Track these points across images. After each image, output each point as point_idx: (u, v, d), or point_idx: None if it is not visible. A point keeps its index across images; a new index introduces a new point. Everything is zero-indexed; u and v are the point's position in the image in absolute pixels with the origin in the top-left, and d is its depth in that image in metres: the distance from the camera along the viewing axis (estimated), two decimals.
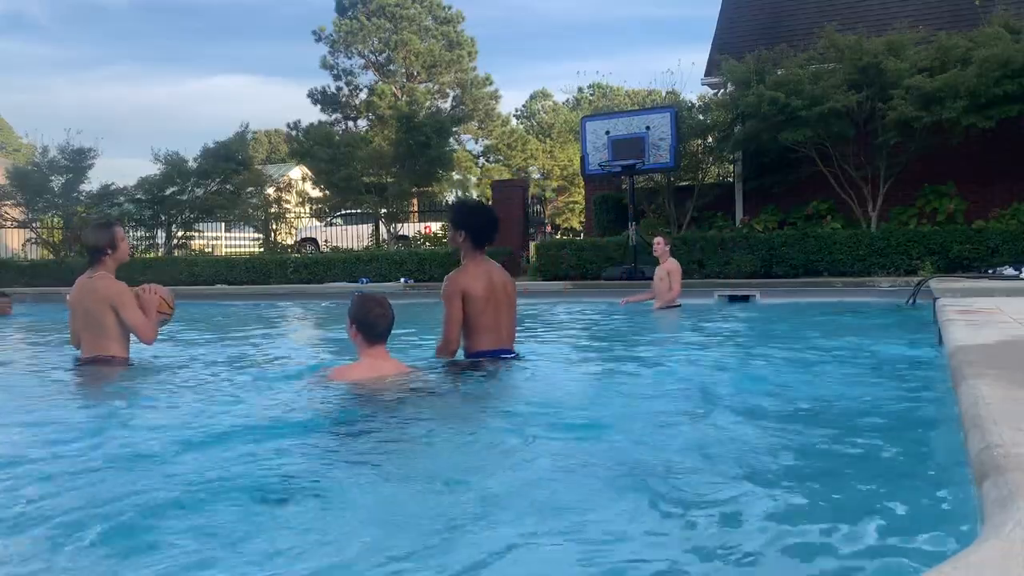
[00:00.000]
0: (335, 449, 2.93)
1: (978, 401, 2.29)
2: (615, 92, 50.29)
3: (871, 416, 3.27)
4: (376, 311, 3.85)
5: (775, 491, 2.28)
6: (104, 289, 4.66)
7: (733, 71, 13.26)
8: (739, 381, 4.42)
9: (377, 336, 3.87)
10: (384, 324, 3.87)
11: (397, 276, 15.15)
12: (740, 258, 12.51)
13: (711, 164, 16.08)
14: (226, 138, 19.79)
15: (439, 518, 2.12)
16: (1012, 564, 1.21)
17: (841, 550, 1.87)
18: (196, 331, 8.07)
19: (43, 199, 19.67)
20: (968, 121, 11.48)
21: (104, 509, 2.19)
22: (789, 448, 2.79)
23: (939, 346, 4.61)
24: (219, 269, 16.98)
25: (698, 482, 2.40)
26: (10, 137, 56.22)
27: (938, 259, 11.46)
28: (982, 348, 3.50)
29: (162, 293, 4.84)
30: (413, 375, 3.97)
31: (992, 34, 11.64)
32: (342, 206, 20.16)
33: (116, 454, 2.83)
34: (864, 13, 15.11)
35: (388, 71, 38.75)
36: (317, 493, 2.34)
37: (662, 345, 6.60)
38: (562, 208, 40.97)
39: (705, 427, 3.13)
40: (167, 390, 4.27)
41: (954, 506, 2.05)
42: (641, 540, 1.99)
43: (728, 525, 2.05)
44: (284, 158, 37.52)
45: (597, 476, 2.50)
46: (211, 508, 2.20)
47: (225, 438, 2.99)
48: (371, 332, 3.85)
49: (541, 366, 4.76)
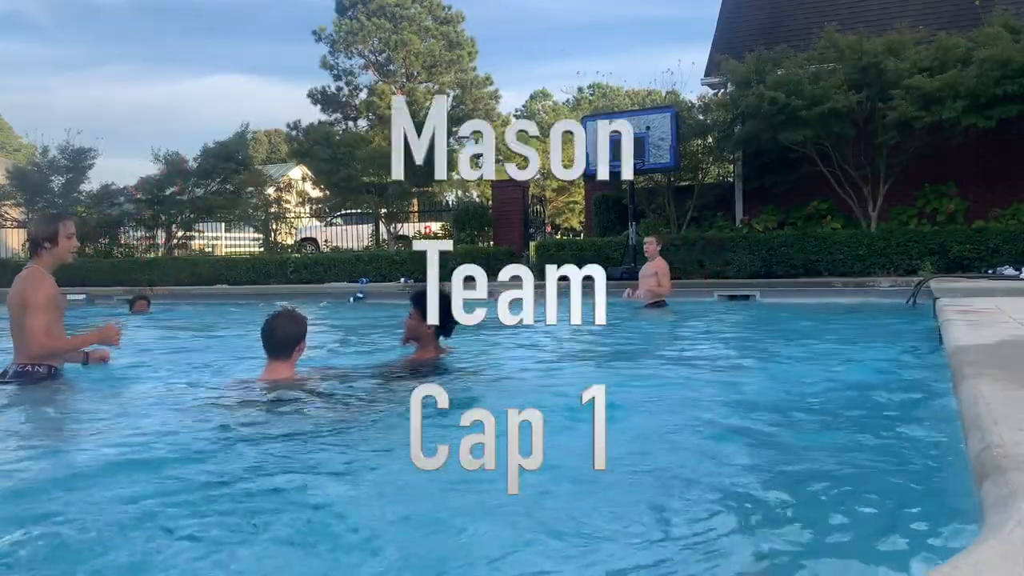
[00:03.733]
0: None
1: (978, 401, 2.29)
2: (615, 92, 50.29)
3: (871, 416, 3.27)
4: (270, 323, 3.92)
5: (775, 491, 2.28)
6: (19, 287, 4.11)
7: (733, 71, 13.25)
8: (737, 381, 4.42)
9: (268, 350, 3.92)
10: (277, 337, 3.89)
11: (397, 276, 15.14)
12: (740, 258, 12.51)
13: (711, 164, 16.08)
14: (226, 138, 19.80)
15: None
16: (1012, 564, 1.21)
17: (841, 550, 1.87)
18: (161, 335, 8.06)
19: (43, 199, 19.65)
20: (968, 121, 11.47)
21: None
22: (788, 448, 2.79)
23: (939, 346, 4.61)
24: (219, 269, 16.98)
25: (697, 482, 2.40)
26: (10, 137, 56.20)
27: (938, 259, 11.46)
28: (982, 348, 3.50)
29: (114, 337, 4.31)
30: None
31: (992, 34, 11.63)
32: (342, 206, 20.16)
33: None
34: (864, 13, 15.10)
35: (388, 71, 38.77)
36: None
37: (662, 345, 6.60)
38: (562, 208, 40.95)
39: (703, 427, 3.13)
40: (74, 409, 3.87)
41: (954, 506, 2.05)
42: (639, 541, 1.98)
43: (727, 525, 2.05)
44: (284, 158, 37.55)
45: (593, 477, 2.50)
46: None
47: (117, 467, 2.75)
48: (265, 343, 3.92)
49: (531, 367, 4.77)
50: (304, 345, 3.98)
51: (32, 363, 4.10)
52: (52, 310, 4.11)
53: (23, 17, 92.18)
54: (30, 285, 4.08)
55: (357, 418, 3.50)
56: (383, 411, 3.60)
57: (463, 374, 4.39)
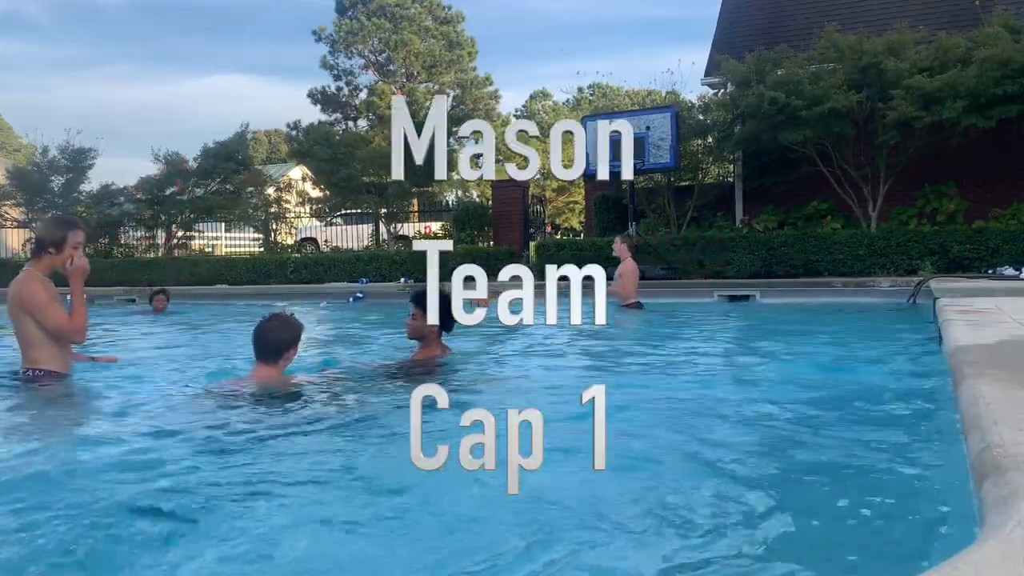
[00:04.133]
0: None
1: (978, 401, 2.29)
2: (615, 92, 50.28)
3: (871, 416, 3.27)
4: (263, 325, 3.95)
5: (774, 491, 2.28)
6: (12, 292, 4.06)
7: (733, 71, 13.25)
8: (736, 382, 4.42)
9: (258, 353, 3.94)
10: (269, 340, 3.92)
11: (397, 276, 15.14)
12: (740, 258, 12.51)
13: (711, 164, 16.08)
14: (226, 138, 19.81)
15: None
16: (1012, 564, 1.21)
17: (841, 550, 1.87)
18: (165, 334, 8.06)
19: (43, 199, 19.66)
20: (968, 121, 11.47)
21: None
22: (788, 448, 2.79)
23: (939, 346, 4.61)
24: (219, 269, 16.98)
25: (696, 482, 2.40)
26: (10, 137, 56.21)
27: (938, 259, 11.46)
28: (982, 348, 3.49)
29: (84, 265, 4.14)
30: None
31: (992, 34, 11.63)
32: (342, 206, 20.16)
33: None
34: (864, 13, 15.10)
35: (388, 71, 38.78)
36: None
37: (661, 345, 6.60)
38: (562, 208, 40.95)
39: (702, 428, 3.13)
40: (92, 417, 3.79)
41: (954, 506, 2.05)
42: (639, 541, 1.98)
43: (726, 525, 2.05)
44: (284, 158, 37.55)
45: (593, 477, 2.50)
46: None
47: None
48: (255, 346, 3.95)
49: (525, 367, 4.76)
50: (294, 352, 3.98)
51: (34, 368, 4.08)
52: (55, 298, 4.07)
53: (23, 17, 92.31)
54: (26, 291, 4.02)
55: (358, 416, 3.50)
56: (383, 409, 3.61)
57: (465, 373, 4.39)
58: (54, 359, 4.11)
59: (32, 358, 4.08)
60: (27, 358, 4.10)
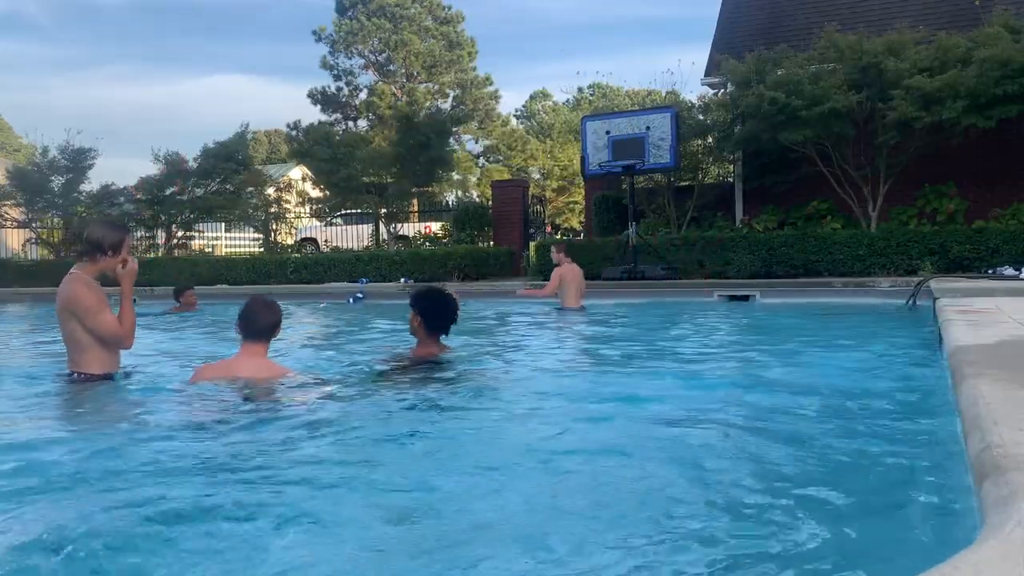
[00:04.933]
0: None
1: (978, 401, 2.29)
2: (615, 92, 50.27)
3: (870, 416, 3.27)
4: (255, 309, 4.04)
5: (774, 492, 2.28)
6: (62, 294, 4.05)
7: (733, 71, 13.25)
8: (736, 382, 4.42)
9: (251, 334, 4.02)
10: (261, 323, 4.01)
11: (397, 276, 15.14)
12: (740, 258, 12.51)
13: (711, 164, 16.07)
14: (226, 138, 19.80)
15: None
16: (1012, 564, 1.21)
17: (841, 550, 1.87)
18: None
19: (43, 199, 19.65)
20: (968, 121, 11.47)
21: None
22: (787, 449, 2.79)
23: (939, 346, 4.61)
24: (219, 269, 16.98)
25: (695, 481, 2.40)
26: (10, 137, 56.19)
27: (938, 259, 11.46)
28: (982, 348, 3.49)
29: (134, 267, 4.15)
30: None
31: (992, 34, 11.63)
32: (342, 206, 20.16)
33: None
34: (864, 13, 15.10)
35: (388, 71, 38.79)
36: None
37: (661, 345, 6.60)
38: (562, 208, 40.97)
39: (701, 428, 3.13)
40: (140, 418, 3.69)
41: (954, 506, 2.05)
42: (639, 541, 1.98)
43: (725, 524, 2.05)
44: (284, 158, 37.57)
45: (592, 474, 2.50)
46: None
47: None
48: (248, 329, 4.03)
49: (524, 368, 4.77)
50: (279, 331, 4.16)
51: (80, 371, 4.08)
52: (105, 303, 4.06)
53: (23, 17, 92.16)
54: (73, 294, 3.98)
55: (358, 413, 3.50)
56: (383, 405, 3.61)
57: (464, 371, 4.40)
58: (101, 362, 4.09)
59: (77, 360, 4.08)
60: (72, 360, 4.10)
